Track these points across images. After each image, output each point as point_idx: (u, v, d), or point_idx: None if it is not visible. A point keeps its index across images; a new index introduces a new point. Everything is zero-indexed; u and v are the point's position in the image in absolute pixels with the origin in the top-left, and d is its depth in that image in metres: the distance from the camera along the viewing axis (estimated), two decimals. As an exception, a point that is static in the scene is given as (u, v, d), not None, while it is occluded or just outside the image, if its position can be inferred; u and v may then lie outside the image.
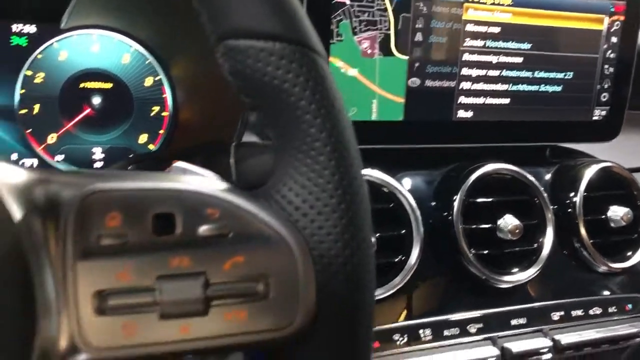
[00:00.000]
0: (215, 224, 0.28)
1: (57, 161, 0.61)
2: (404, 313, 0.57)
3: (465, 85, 0.63)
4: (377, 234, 0.55)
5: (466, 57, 0.63)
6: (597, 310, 0.64)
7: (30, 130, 0.60)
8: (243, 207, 0.29)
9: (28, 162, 0.60)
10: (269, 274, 0.28)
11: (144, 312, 0.27)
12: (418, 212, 0.58)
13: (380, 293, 0.55)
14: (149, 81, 0.64)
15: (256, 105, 0.31)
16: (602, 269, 0.67)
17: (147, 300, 0.27)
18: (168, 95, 0.64)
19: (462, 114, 0.64)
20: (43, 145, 0.60)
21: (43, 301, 0.26)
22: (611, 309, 0.65)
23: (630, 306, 0.67)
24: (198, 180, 0.30)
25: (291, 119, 0.30)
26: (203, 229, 0.28)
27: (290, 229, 0.29)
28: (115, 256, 0.27)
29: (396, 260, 0.57)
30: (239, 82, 0.31)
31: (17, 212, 0.26)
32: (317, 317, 0.28)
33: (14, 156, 0.59)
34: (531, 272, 0.61)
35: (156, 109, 0.64)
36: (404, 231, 0.57)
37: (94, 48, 0.61)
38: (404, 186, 0.59)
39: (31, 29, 0.59)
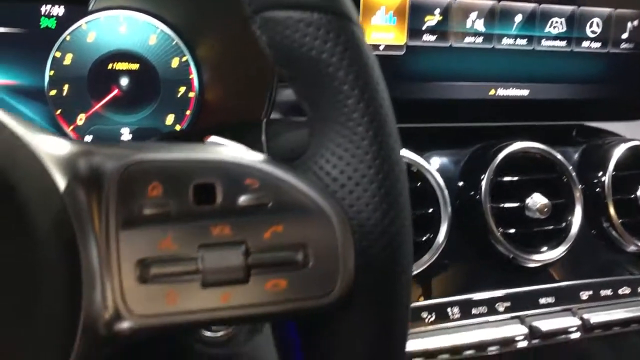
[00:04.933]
0: (255, 193, 0.28)
1: (87, 142, 0.61)
2: (433, 291, 0.57)
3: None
4: (405, 213, 0.55)
5: (494, 34, 0.62)
6: (626, 290, 0.64)
7: (60, 111, 0.60)
8: (282, 177, 0.29)
9: (58, 142, 0.60)
10: (308, 243, 0.28)
11: (186, 281, 0.27)
12: (446, 191, 0.58)
13: (409, 271, 0.55)
14: (175, 62, 0.64)
15: (293, 77, 0.31)
16: (631, 248, 0.66)
17: (189, 268, 0.27)
18: (194, 75, 0.65)
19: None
20: (72, 126, 0.61)
21: (87, 270, 0.26)
22: (640, 289, 0.65)
23: (659, 286, 0.66)
24: (237, 151, 0.30)
25: (328, 90, 0.30)
26: (243, 199, 0.28)
27: (329, 200, 0.29)
28: (157, 225, 0.27)
29: (424, 239, 0.57)
30: (277, 54, 0.31)
31: (62, 183, 0.27)
32: (356, 285, 0.28)
33: (45, 137, 0.60)
34: (559, 251, 0.61)
35: (183, 89, 0.64)
36: (431, 210, 0.57)
37: (121, 29, 0.62)
38: (432, 165, 0.59)
39: (60, 10, 0.59)
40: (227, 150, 0.30)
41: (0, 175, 0.25)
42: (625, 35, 0.68)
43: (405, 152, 0.58)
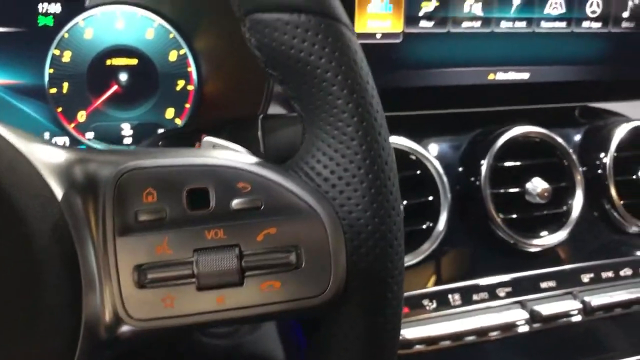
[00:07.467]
0: (247, 197, 0.29)
1: (88, 139, 0.62)
2: (433, 279, 0.57)
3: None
4: (405, 201, 0.56)
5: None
6: (627, 272, 0.64)
7: (61, 109, 0.61)
8: (274, 179, 0.29)
9: (60, 140, 0.61)
10: (301, 244, 0.29)
11: (182, 284, 0.28)
12: (445, 178, 0.58)
13: (409, 259, 0.55)
14: (173, 55, 0.64)
15: (283, 78, 0.31)
16: (633, 229, 0.66)
17: (185, 272, 0.28)
18: (193, 68, 0.65)
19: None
20: (74, 124, 0.61)
21: (87, 275, 0.27)
22: (642, 270, 0.65)
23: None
24: (229, 154, 0.30)
25: (317, 92, 0.30)
26: (236, 202, 0.29)
27: (320, 201, 0.30)
28: (153, 231, 0.28)
29: (424, 227, 0.57)
30: (266, 56, 0.31)
31: (58, 191, 0.27)
32: (348, 284, 0.29)
33: (46, 135, 0.61)
34: (561, 235, 0.61)
35: (182, 83, 0.65)
36: (431, 198, 0.58)
37: (118, 25, 0.62)
38: (431, 152, 0.59)
39: (56, 8, 0.59)
40: (219, 154, 0.30)
41: None
42: (626, 14, 0.67)
43: (403, 140, 0.58)
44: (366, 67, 0.31)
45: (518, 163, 0.62)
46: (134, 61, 0.63)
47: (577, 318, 0.59)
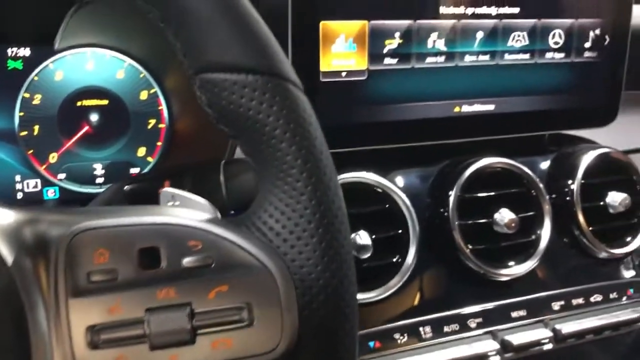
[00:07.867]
0: (198, 255, 0.29)
1: (60, 180, 0.62)
2: (404, 312, 0.58)
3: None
4: (373, 236, 0.56)
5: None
6: (597, 297, 0.65)
7: (32, 151, 0.61)
8: (225, 237, 0.30)
9: (32, 182, 0.61)
10: (253, 301, 0.29)
11: (135, 344, 0.28)
12: (413, 211, 0.59)
13: (379, 294, 0.56)
14: (144, 95, 0.65)
15: (234, 134, 0.32)
16: (602, 255, 0.67)
17: (138, 332, 0.28)
18: (164, 107, 0.66)
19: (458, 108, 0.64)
20: (45, 165, 0.62)
21: (37, 337, 0.27)
22: (612, 295, 0.66)
23: (632, 290, 0.67)
24: (181, 212, 0.31)
25: (267, 148, 0.31)
26: (187, 261, 0.29)
27: (272, 256, 0.30)
28: (105, 292, 0.28)
29: (394, 260, 0.58)
30: (216, 113, 0.32)
31: (8, 254, 0.28)
32: (300, 339, 0.29)
33: (18, 177, 0.61)
34: (529, 264, 0.62)
35: (153, 121, 0.65)
36: (400, 231, 0.58)
37: (89, 66, 0.62)
38: (398, 185, 0.60)
39: (26, 51, 0.60)
40: (171, 211, 0.31)
41: None
42: (587, 44, 0.69)
43: (371, 175, 0.59)
44: (315, 122, 0.32)
45: (486, 194, 0.62)
46: (104, 101, 0.63)
47: (549, 346, 0.60)
